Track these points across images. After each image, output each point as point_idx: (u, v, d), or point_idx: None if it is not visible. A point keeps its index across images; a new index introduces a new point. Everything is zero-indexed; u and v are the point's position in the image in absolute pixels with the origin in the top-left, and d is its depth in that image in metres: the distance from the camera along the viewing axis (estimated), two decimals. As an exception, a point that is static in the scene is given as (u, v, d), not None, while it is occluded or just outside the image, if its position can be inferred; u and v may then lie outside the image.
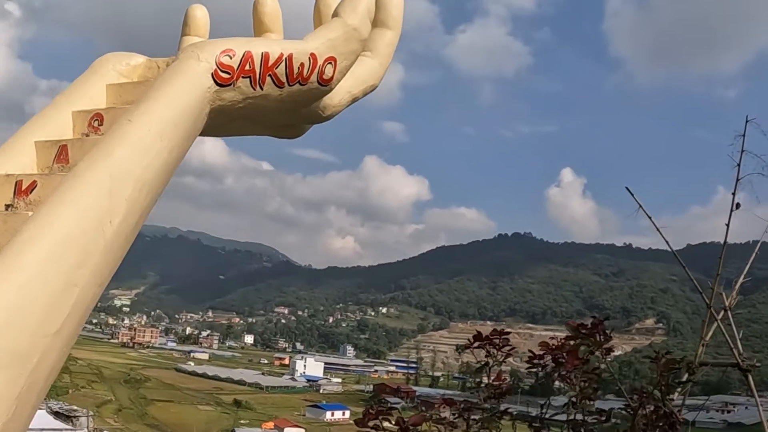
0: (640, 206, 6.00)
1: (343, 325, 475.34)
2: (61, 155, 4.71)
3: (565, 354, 4.86)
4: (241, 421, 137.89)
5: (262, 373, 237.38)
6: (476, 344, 6.27)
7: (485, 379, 5.79)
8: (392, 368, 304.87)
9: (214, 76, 4.75)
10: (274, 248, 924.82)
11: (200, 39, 5.89)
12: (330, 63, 5.32)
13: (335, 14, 5.61)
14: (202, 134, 4.61)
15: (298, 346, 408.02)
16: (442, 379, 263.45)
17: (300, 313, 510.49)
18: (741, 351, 5.62)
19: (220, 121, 5.15)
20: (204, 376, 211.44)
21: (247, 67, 4.93)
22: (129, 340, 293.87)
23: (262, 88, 5.00)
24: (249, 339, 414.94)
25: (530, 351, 5.64)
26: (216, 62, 4.82)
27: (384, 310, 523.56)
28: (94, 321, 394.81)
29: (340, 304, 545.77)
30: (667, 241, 6.30)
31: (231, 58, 4.87)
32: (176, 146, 4.77)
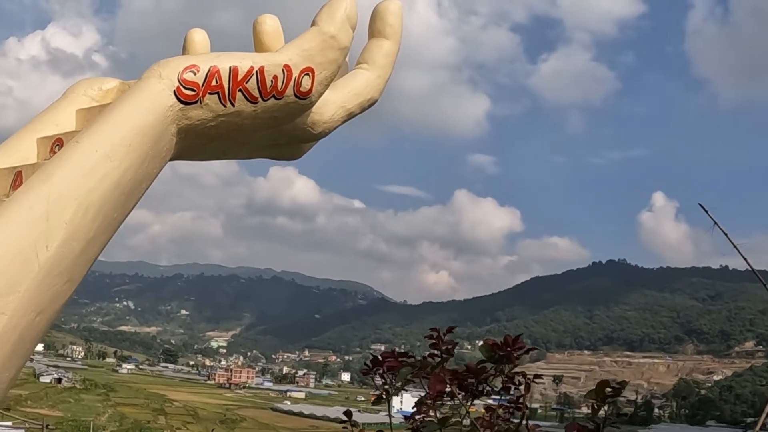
0: (716, 223, 6.76)
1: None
2: (17, 182, 5.48)
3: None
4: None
5: (359, 410, 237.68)
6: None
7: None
8: (489, 401, 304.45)
9: (177, 93, 5.23)
10: (368, 285, 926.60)
11: None
12: (307, 74, 5.73)
13: (313, 23, 6.51)
14: (180, 158, 5.39)
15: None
16: (540, 411, 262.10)
17: (396, 349, 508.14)
18: None
19: (195, 142, 5.75)
20: (300, 414, 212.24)
21: (213, 83, 5.44)
22: (225, 381, 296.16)
23: (233, 105, 5.44)
24: (346, 377, 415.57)
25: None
26: (179, 79, 5.28)
27: (480, 343, 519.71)
28: (191, 363, 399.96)
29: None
30: (745, 259, 7.05)
31: (195, 74, 5.38)
32: (130, 168, 5.41)
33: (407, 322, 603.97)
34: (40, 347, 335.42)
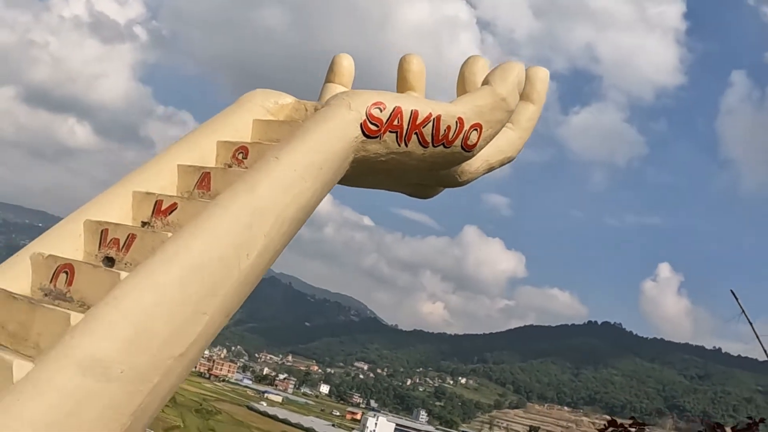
0: (743, 311, 6.87)
1: (420, 389, 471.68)
2: (203, 182, 4.88)
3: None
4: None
5: (333, 425, 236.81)
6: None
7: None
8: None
9: (363, 127, 4.77)
10: (363, 303, 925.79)
11: (343, 87, 6.10)
12: (476, 129, 5.28)
13: (485, 82, 5.68)
14: (340, 182, 5.26)
15: (372, 403, 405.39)
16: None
17: (379, 371, 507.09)
18: None
19: (361, 172, 5.10)
20: (275, 418, 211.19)
21: (395, 122, 4.91)
22: (206, 371, 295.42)
23: (407, 145, 5.04)
24: (325, 389, 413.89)
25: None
26: (366, 113, 4.78)
27: (463, 381, 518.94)
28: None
29: (421, 368, 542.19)
30: (765, 350, 7.12)
31: (381, 110, 4.84)
32: (318, 190, 4.56)
33: (395, 347, 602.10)
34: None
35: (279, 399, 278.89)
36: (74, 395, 3.86)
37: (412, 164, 6.68)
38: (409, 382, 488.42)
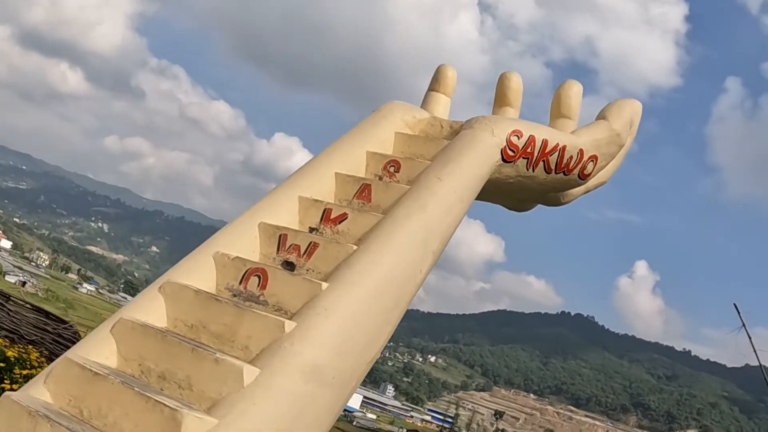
0: (743, 326, 7.29)
1: (389, 364, 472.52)
2: (363, 192, 6.26)
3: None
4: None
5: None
6: None
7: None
8: (428, 417, 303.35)
9: (503, 152, 6.56)
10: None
11: (446, 97, 7.75)
12: (592, 161, 7.30)
13: (602, 116, 7.70)
14: None
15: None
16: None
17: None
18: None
19: (486, 190, 6.78)
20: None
21: (528, 150, 6.76)
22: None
23: (533, 171, 6.90)
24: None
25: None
26: (507, 140, 6.58)
27: (432, 359, 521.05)
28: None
29: (391, 343, 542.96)
30: (761, 367, 7.48)
31: (518, 138, 6.68)
32: (466, 209, 6.34)
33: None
34: (8, 245, 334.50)
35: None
36: (299, 400, 4.49)
37: (533, 187, 7.40)
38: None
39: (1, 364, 9.98)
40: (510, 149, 6.71)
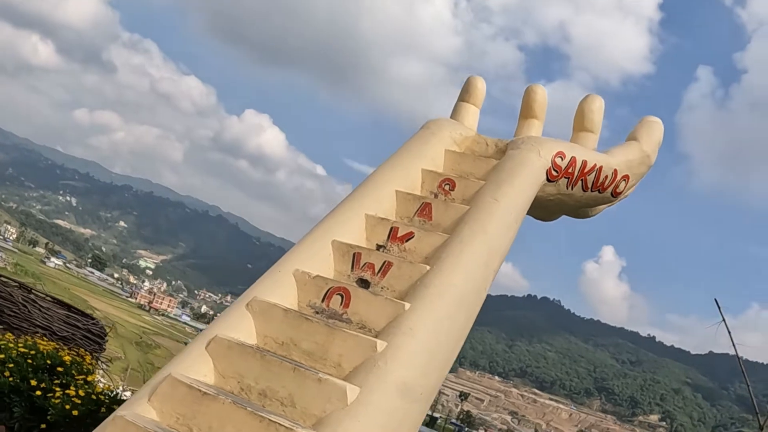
0: (723, 320, 7.54)
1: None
2: (424, 211, 6.73)
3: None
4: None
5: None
6: None
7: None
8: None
9: (547, 173, 7.13)
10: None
11: (475, 108, 8.39)
12: (624, 180, 7.90)
13: (633, 137, 8.29)
14: None
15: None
16: (439, 421, 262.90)
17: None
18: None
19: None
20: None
21: (569, 170, 7.33)
22: (147, 304, 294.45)
23: (572, 189, 7.47)
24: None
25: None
26: (551, 161, 7.16)
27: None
28: (116, 276, 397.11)
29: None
30: (740, 362, 7.70)
31: (562, 159, 7.27)
32: (518, 228, 6.89)
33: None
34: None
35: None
36: (395, 416, 4.86)
37: (569, 203, 7.87)
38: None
39: (59, 369, 10.02)
40: (554, 170, 7.21)
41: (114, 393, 9.68)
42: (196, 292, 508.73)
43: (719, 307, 7.56)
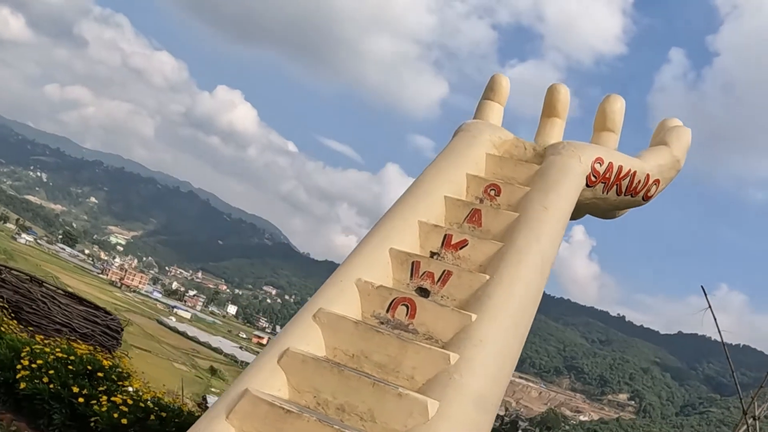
0: (710, 306, 7.66)
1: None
2: (473, 217, 6.82)
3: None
4: (212, 389, 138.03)
5: (240, 347, 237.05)
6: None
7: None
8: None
9: (587, 179, 7.31)
10: (278, 228, 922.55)
11: (499, 105, 8.45)
12: (655, 184, 8.03)
13: (662, 141, 8.38)
14: None
15: (278, 329, 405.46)
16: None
17: (287, 297, 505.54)
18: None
19: None
20: (184, 335, 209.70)
21: (606, 175, 7.51)
22: (118, 280, 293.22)
23: (607, 194, 7.65)
24: (232, 309, 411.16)
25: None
26: (591, 167, 7.34)
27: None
28: (87, 252, 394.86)
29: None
30: (725, 348, 7.82)
31: (600, 165, 7.46)
32: (564, 234, 7.17)
33: (305, 275, 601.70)
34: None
35: (188, 315, 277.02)
36: (473, 429, 4.93)
37: (602, 206, 8.00)
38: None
39: (99, 374, 9.88)
40: (593, 175, 7.35)
41: (159, 399, 9.53)
42: (167, 268, 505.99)
43: (705, 295, 7.69)
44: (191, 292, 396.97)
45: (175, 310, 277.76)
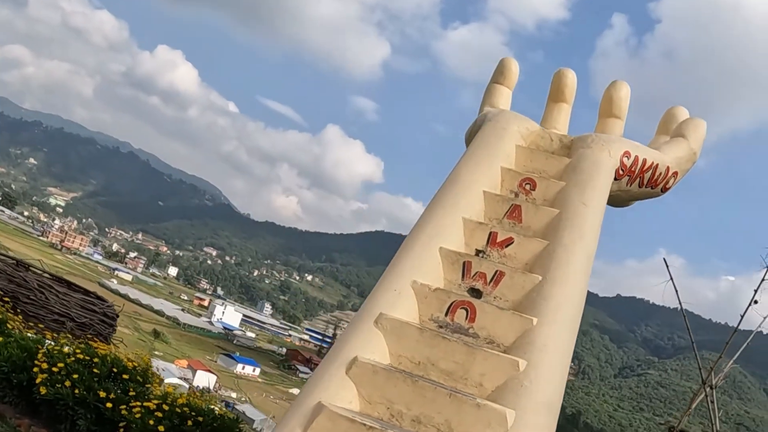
0: (671, 279, 7.78)
1: (266, 281, 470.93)
2: (513, 213, 6.76)
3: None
4: (156, 353, 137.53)
5: (182, 309, 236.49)
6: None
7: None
8: (306, 336, 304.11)
9: (615, 172, 7.29)
10: (218, 189, 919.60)
11: (508, 90, 8.61)
12: (674, 176, 8.02)
13: (680, 134, 8.32)
14: None
15: (219, 291, 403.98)
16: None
17: (227, 258, 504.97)
18: (719, 428, 7.50)
19: None
20: (126, 297, 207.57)
21: (632, 168, 7.53)
22: (58, 242, 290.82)
23: (630, 186, 7.65)
24: (173, 271, 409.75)
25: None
26: (619, 160, 7.35)
27: (309, 278, 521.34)
28: (26, 214, 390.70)
29: (268, 261, 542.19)
30: (684, 317, 7.93)
31: (628, 159, 7.51)
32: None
33: (246, 236, 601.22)
34: None
35: (129, 278, 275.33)
36: None
37: (623, 197, 8.03)
38: (256, 273, 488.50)
39: (125, 376, 9.54)
40: (621, 169, 7.36)
41: (192, 403, 9.12)
42: (107, 229, 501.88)
43: (668, 267, 7.82)
44: (132, 254, 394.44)
45: (116, 272, 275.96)
